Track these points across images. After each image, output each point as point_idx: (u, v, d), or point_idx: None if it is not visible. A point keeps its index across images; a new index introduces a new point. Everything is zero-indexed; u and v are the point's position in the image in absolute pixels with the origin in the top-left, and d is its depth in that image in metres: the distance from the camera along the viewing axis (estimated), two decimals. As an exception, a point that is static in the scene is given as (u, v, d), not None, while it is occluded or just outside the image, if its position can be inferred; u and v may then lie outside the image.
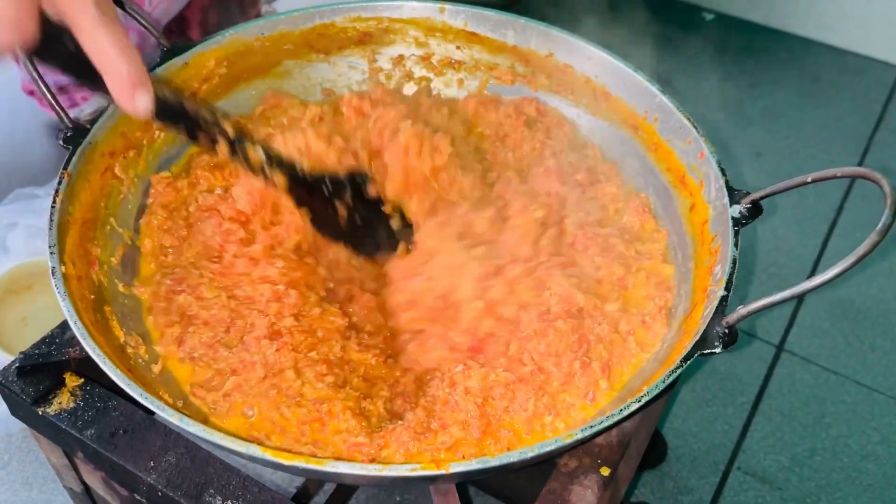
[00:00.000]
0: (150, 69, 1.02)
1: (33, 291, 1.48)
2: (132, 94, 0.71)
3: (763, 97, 2.56)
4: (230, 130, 0.84)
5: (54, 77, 1.12)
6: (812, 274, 1.96)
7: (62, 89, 1.40)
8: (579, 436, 0.70)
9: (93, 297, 0.84)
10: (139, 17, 1.04)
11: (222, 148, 0.84)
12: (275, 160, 0.89)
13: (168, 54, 1.05)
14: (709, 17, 2.96)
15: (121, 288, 0.91)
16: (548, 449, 0.69)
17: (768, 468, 1.58)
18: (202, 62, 1.08)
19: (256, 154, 0.87)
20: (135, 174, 1.00)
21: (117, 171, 0.97)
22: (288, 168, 0.91)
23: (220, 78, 1.11)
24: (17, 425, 1.45)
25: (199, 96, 1.10)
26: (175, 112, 0.80)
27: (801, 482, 1.56)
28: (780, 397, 1.70)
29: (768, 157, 2.28)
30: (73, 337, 0.93)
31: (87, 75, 0.71)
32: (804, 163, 2.30)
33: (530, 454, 0.68)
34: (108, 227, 0.94)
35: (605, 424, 0.71)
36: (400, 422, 0.80)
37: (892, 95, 2.61)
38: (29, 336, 1.21)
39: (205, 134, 0.83)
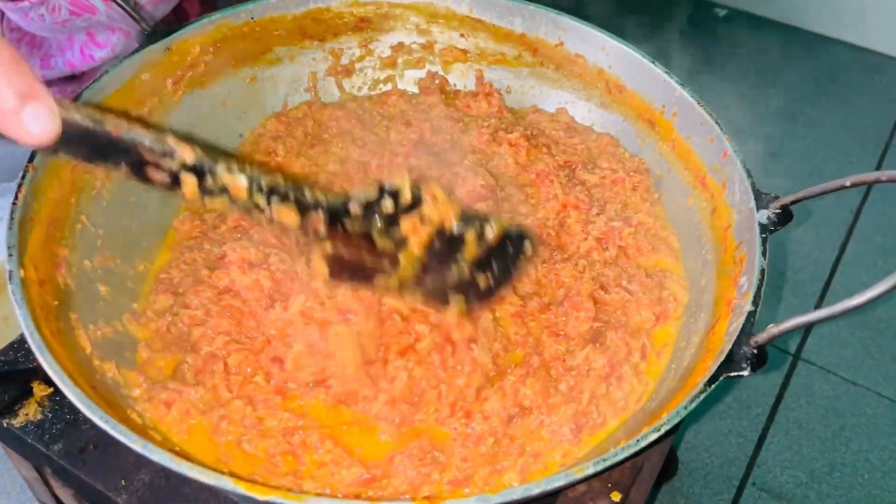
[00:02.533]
0: (129, 55, 0.95)
1: (14, 290, 1.41)
2: (18, 110, 0.51)
3: (779, 95, 2.48)
4: (188, 156, 0.61)
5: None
6: (830, 280, 1.88)
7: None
8: (591, 470, 0.62)
9: (56, 303, 0.77)
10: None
11: (188, 185, 0.61)
12: (268, 186, 0.65)
13: (149, 39, 0.97)
14: (722, 12, 2.88)
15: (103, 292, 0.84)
16: (556, 485, 0.61)
17: (785, 484, 1.50)
18: (186, 48, 1.00)
19: (237, 181, 0.62)
20: (105, 175, 0.92)
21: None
22: (292, 194, 0.66)
23: (205, 65, 1.03)
24: (-5, 430, 1.38)
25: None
26: (96, 141, 0.57)
27: (820, 499, 1.48)
28: (798, 409, 1.62)
29: (784, 158, 2.20)
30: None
31: None
32: (822, 164, 2.22)
33: (536, 490, 0.61)
34: (80, 225, 0.87)
35: (619, 458, 0.63)
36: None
37: (913, 95, 2.53)
38: (11, 336, 1.14)
39: (155, 168, 0.60)
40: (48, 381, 0.86)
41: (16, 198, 0.77)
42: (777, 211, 0.82)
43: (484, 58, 1.13)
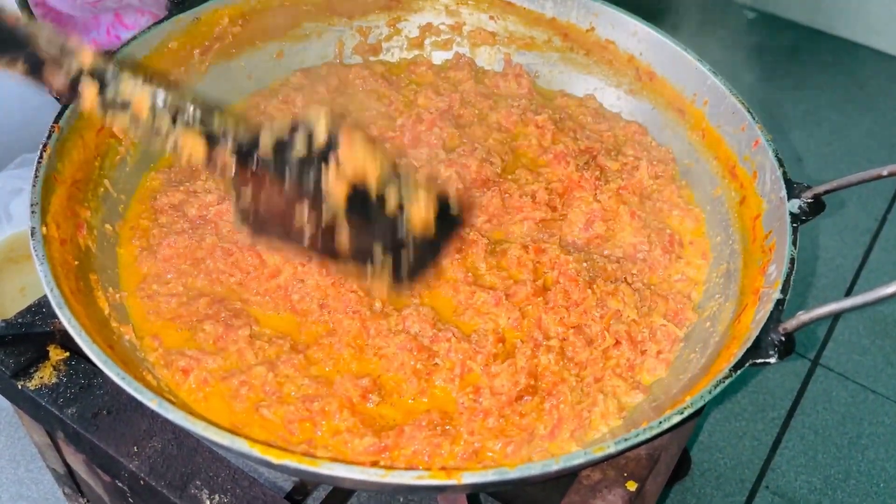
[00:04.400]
0: (157, 22, 0.95)
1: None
2: None
3: (805, 100, 2.45)
4: (88, 58, 0.56)
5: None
6: (852, 287, 1.85)
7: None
8: (611, 449, 0.61)
9: (77, 263, 0.76)
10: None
11: (87, 94, 0.56)
12: (172, 105, 0.57)
13: (178, 7, 0.97)
14: (751, 15, 2.85)
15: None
16: (574, 462, 0.60)
17: (799, 489, 1.48)
18: (215, 19, 1.00)
19: (140, 94, 0.56)
20: (136, 134, 0.92)
21: (116, 129, 0.89)
22: (199, 116, 0.59)
23: (233, 37, 1.02)
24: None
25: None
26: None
27: (834, 506, 1.46)
28: (815, 414, 1.60)
29: (809, 163, 2.17)
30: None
31: None
32: (847, 170, 2.17)
33: (554, 467, 0.59)
34: (102, 189, 0.87)
35: (641, 438, 0.62)
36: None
37: (942, 105, 2.49)
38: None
39: (54, 69, 0.55)
40: (65, 345, 0.86)
41: (40, 156, 0.77)
42: (809, 201, 0.80)
43: (513, 41, 1.12)
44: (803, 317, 0.67)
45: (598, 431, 0.75)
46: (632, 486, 0.79)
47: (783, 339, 0.68)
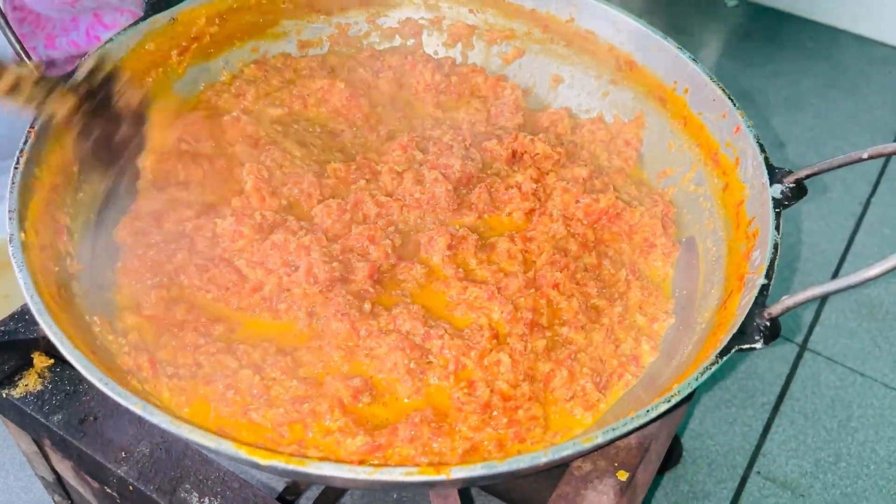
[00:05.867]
0: (134, 23, 0.94)
1: (16, 267, 1.40)
2: None
3: (787, 86, 2.45)
4: None
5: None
6: (837, 271, 1.86)
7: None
8: (600, 440, 0.61)
9: (58, 269, 0.76)
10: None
11: None
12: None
13: (154, 8, 0.96)
14: (731, 2, 2.85)
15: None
16: (563, 454, 0.60)
17: (790, 473, 1.49)
18: (192, 19, 0.99)
19: None
20: (113, 138, 0.91)
21: None
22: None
23: (210, 37, 1.01)
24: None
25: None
26: None
27: (825, 489, 1.47)
28: (804, 399, 1.60)
29: (792, 148, 2.18)
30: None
31: None
32: (829, 155, 2.18)
33: (543, 459, 0.59)
34: (82, 193, 0.86)
35: (630, 427, 0.62)
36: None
37: (922, 87, 2.51)
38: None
39: None
40: (49, 352, 0.85)
41: (17, 162, 0.76)
42: (791, 185, 0.80)
43: (493, 34, 1.11)
44: (788, 301, 0.68)
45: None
46: (623, 475, 0.79)
47: (768, 323, 0.69)
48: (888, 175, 2.15)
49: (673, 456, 1.48)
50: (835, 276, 1.84)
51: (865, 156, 0.74)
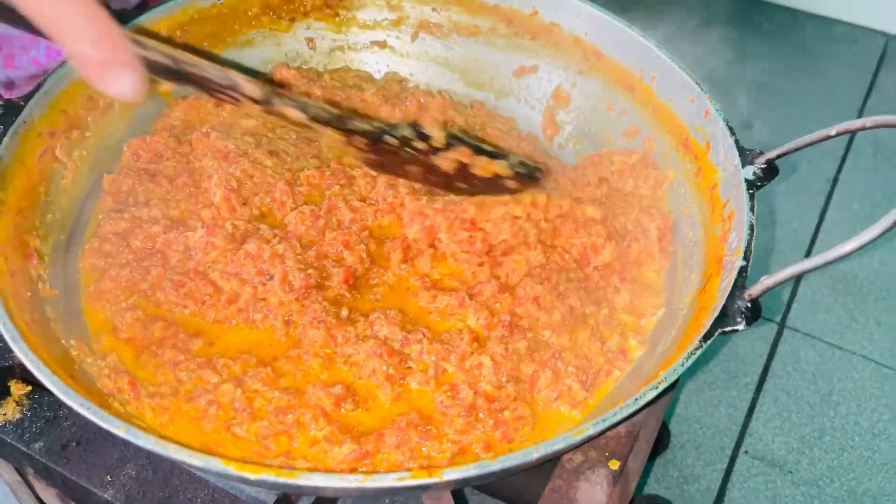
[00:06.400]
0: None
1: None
2: (103, 74, 0.56)
3: (750, 69, 2.48)
4: (255, 92, 0.73)
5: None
6: (811, 248, 1.88)
7: None
8: (591, 431, 0.61)
9: (30, 294, 0.74)
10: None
11: (248, 105, 0.73)
12: (321, 119, 0.78)
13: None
14: (690, -11, 2.88)
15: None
16: (555, 448, 0.60)
17: (777, 451, 1.51)
18: (152, 32, 0.97)
19: (294, 114, 0.76)
20: (79, 156, 0.89)
21: (58, 153, 0.86)
22: (337, 122, 0.80)
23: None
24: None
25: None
26: (173, 72, 0.67)
27: (812, 464, 1.49)
28: (786, 376, 1.62)
29: (759, 129, 2.21)
30: (17, 340, 0.84)
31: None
32: (796, 133, 2.19)
33: (535, 455, 0.59)
34: (50, 215, 0.84)
35: (619, 417, 0.62)
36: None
37: (882, 63, 2.54)
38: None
39: (222, 94, 0.72)
40: (26, 380, 0.83)
41: (-19, 186, 0.75)
42: (763, 166, 0.81)
43: (458, 31, 1.11)
44: (767, 281, 0.68)
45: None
46: (614, 464, 0.79)
47: (749, 305, 0.69)
48: (854, 151, 2.18)
49: (662, 442, 1.49)
50: (808, 253, 1.86)
51: (833, 132, 0.75)
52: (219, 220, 0.85)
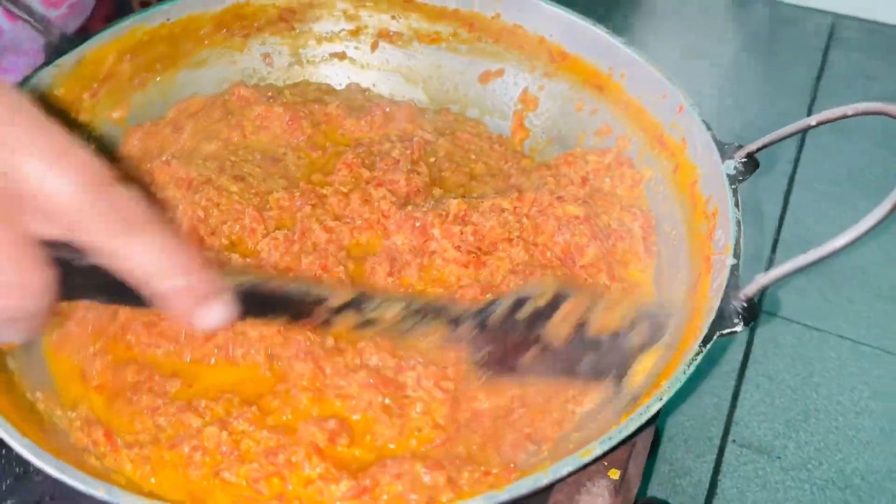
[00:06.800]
0: (38, 69, 0.87)
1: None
2: (195, 311, 0.51)
3: (699, 56, 2.49)
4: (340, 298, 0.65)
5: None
6: (778, 234, 1.89)
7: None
8: (598, 451, 0.59)
9: (-12, 348, 0.69)
10: (21, 13, 0.89)
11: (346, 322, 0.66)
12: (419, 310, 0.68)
13: (56, 52, 0.89)
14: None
15: None
16: (564, 472, 0.58)
17: (764, 437, 1.51)
18: (100, 57, 0.93)
19: (393, 309, 0.67)
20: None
21: None
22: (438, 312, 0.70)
23: (123, 74, 0.95)
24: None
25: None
26: (261, 305, 0.61)
27: (799, 448, 1.49)
28: (766, 361, 1.62)
29: (715, 118, 2.22)
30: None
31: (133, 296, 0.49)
32: (753, 117, 2.23)
33: (545, 481, 0.57)
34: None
35: (626, 432, 0.60)
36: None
37: (831, 43, 2.58)
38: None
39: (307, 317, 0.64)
40: (-10, 435, 0.78)
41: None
42: (743, 160, 0.80)
43: (419, 38, 1.08)
44: (762, 280, 0.66)
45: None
46: (614, 474, 0.77)
47: (745, 304, 0.67)
48: (813, 131, 2.20)
49: (654, 439, 1.48)
50: (777, 237, 1.87)
51: (814, 122, 0.74)
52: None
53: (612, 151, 0.95)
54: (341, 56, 1.10)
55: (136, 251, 0.46)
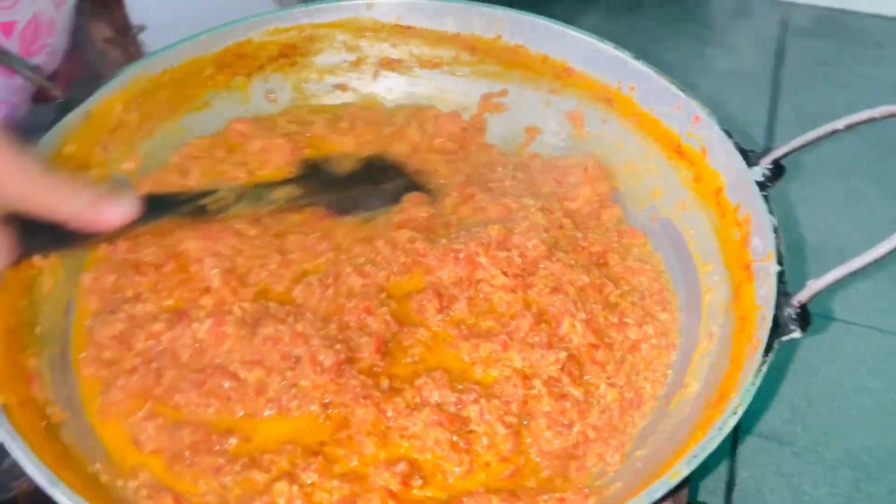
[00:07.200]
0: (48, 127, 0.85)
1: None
2: (102, 214, 0.69)
3: (662, 52, 2.53)
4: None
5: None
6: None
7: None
8: (685, 471, 0.60)
9: (44, 423, 0.67)
10: (22, 69, 0.86)
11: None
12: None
13: (64, 109, 0.87)
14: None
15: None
16: (655, 496, 0.58)
17: (772, 424, 1.53)
18: (107, 109, 0.91)
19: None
20: (54, 256, 0.82)
21: (33, 258, 0.79)
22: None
23: (131, 124, 0.93)
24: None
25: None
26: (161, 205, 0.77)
27: (806, 431, 1.51)
28: (764, 350, 1.66)
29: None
30: (16, 465, 0.76)
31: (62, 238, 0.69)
32: (717, 110, 2.27)
33: (642, 506, 0.57)
34: (38, 328, 0.77)
35: (712, 447, 0.61)
36: None
37: (786, 31, 2.64)
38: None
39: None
40: (34, 509, 0.76)
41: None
42: (769, 166, 0.81)
43: (420, 64, 1.08)
44: (815, 285, 0.68)
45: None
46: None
47: (799, 311, 0.69)
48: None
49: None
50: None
51: (842, 126, 0.76)
52: (223, 306, 0.79)
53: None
54: (343, 87, 1.09)
55: (44, 198, 0.65)
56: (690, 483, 1.09)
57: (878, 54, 2.27)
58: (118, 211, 0.69)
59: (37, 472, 0.58)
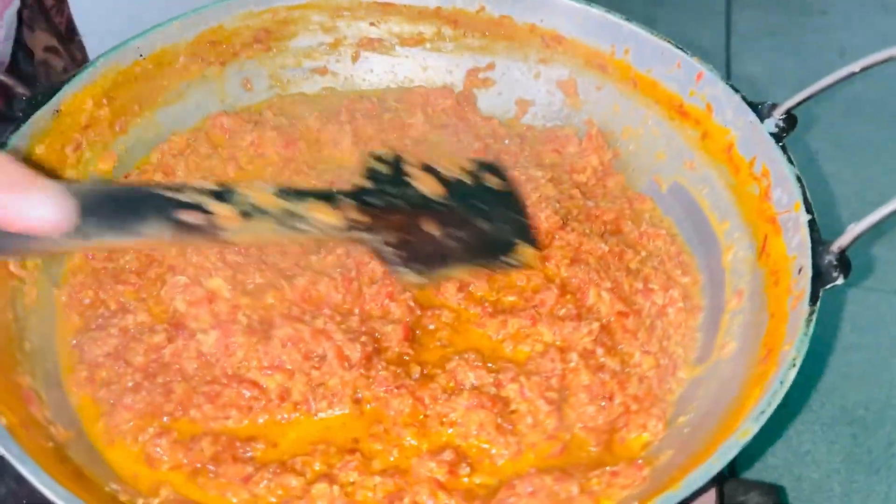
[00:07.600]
0: (15, 128, 0.78)
1: None
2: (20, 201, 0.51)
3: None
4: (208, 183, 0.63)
5: None
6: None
7: None
8: (755, 429, 0.57)
9: (51, 444, 0.61)
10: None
11: (224, 214, 0.61)
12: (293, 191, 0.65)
13: (32, 106, 0.80)
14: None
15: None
16: (732, 454, 0.55)
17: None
18: (78, 105, 0.84)
19: (266, 197, 0.63)
20: (35, 266, 0.76)
21: (13, 268, 0.73)
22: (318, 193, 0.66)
23: (103, 121, 0.87)
24: None
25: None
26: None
27: (800, 391, 1.52)
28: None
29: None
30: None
31: None
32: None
33: (715, 468, 0.54)
34: (27, 343, 0.70)
35: (777, 401, 0.59)
36: None
37: (731, 4, 2.68)
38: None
39: (187, 210, 0.59)
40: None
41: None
42: (783, 117, 0.79)
43: (402, 42, 1.04)
44: (856, 229, 0.66)
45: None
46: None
47: (839, 257, 0.67)
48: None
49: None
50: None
51: (858, 69, 0.74)
52: (228, 315, 0.73)
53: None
54: (322, 71, 1.04)
55: None
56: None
57: (824, 22, 2.31)
58: (41, 209, 0.52)
59: (54, 495, 0.52)
